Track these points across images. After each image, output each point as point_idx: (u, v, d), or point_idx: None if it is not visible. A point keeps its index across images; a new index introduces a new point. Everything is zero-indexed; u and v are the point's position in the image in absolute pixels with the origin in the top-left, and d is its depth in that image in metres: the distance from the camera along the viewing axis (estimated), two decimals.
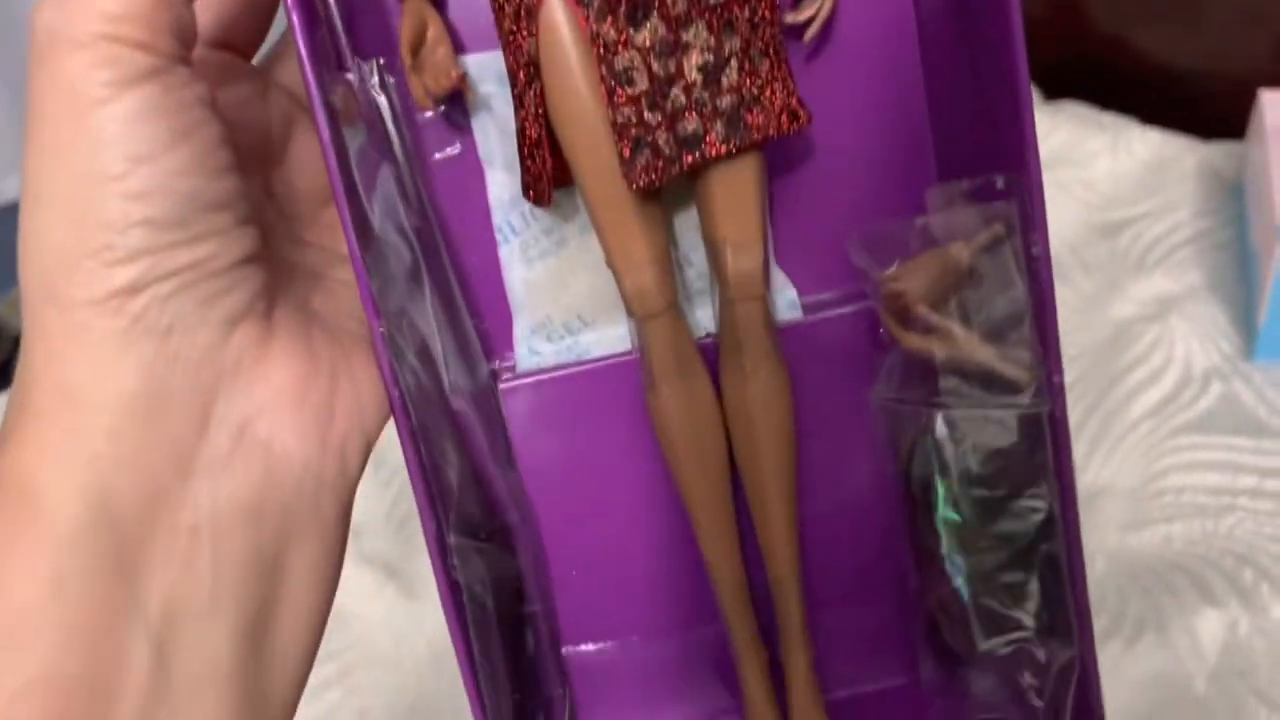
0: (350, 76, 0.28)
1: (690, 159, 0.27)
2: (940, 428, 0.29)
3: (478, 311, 0.32)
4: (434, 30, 0.28)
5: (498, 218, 0.31)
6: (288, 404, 0.27)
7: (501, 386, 0.32)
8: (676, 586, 0.34)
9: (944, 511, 0.30)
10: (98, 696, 0.24)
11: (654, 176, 0.27)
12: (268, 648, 0.27)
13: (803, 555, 0.32)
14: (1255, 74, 0.84)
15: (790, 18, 0.29)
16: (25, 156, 0.24)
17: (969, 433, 0.29)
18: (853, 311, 0.32)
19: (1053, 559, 0.30)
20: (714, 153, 0.27)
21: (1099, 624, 0.61)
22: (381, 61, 0.29)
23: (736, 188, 0.28)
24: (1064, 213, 0.84)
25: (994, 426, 0.29)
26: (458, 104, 0.31)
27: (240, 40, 0.29)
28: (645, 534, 0.33)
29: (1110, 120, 0.88)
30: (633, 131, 0.27)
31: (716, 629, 0.33)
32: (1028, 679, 0.30)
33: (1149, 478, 0.67)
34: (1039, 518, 0.29)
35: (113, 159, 0.23)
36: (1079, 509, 0.30)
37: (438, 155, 0.31)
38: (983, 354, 0.29)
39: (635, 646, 0.34)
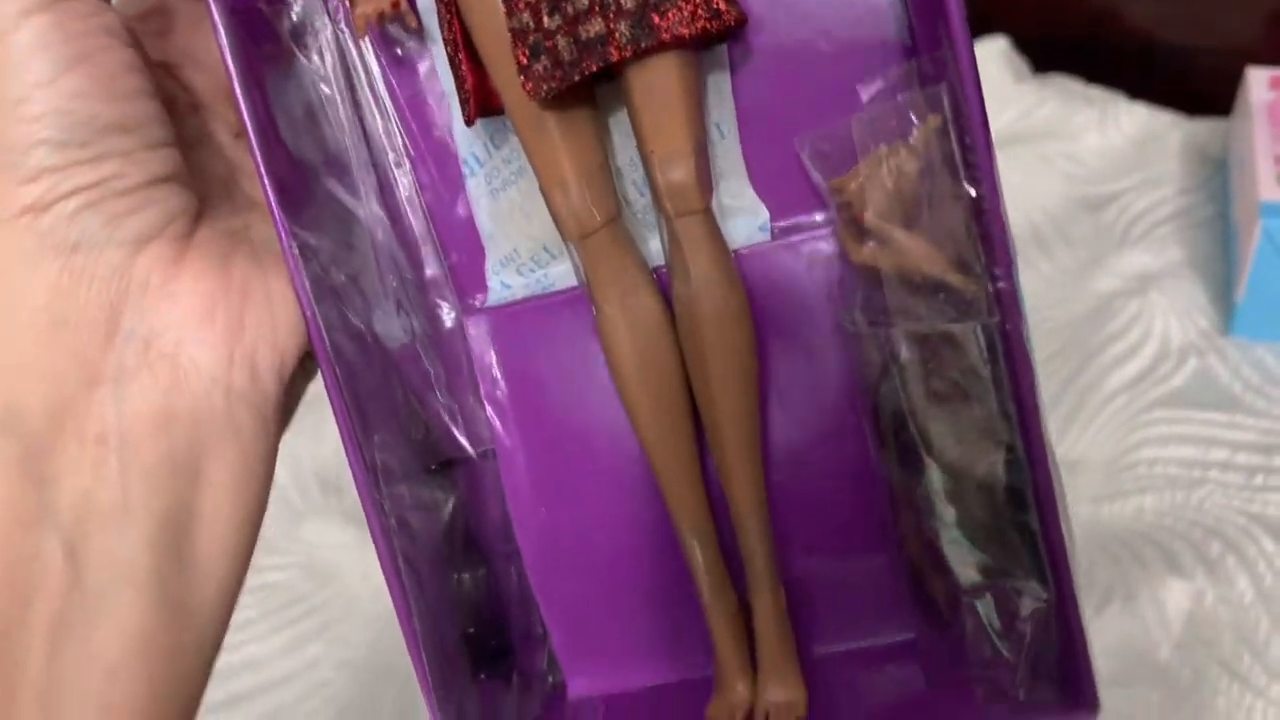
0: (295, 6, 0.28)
1: (591, 64, 0.26)
2: (905, 351, 0.27)
3: (450, 246, 0.32)
4: None
5: (462, 149, 0.31)
6: (195, 320, 0.28)
7: (470, 318, 0.32)
8: (653, 526, 0.32)
9: (919, 447, 0.28)
10: (14, 598, 0.25)
11: (554, 84, 0.26)
12: (189, 557, 0.28)
13: (767, 492, 0.31)
14: (1243, 51, 0.84)
15: None
16: None
17: (926, 352, 0.27)
18: (814, 236, 0.30)
19: (1018, 494, 0.28)
20: (617, 56, 0.25)
21: None
22: None
23: (659, 95, 0.27)
24: (1049, 185, 0.85)
25: (950, 342, 0.27)
26: (422, 36, 0.30)
27: None
28: (615, 473, 0.32)
29: (1098, 94, 0.89)
30: (530, 37, 0.26)
31: (681, 566, 0.32)
32: (1006, 628, 0.28)
33: (1123, 450, 0.68)
34: (1003, 454, 0.27)
35: (14, 85, 0.25)
36: (1048, 436, 0.27)
37: (410, 91, 0.31)
38: (926, 261, 0.27)
39: (601, 586, 0.33)
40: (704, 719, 0.31)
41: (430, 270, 0.32)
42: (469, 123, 0.29)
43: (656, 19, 0.25)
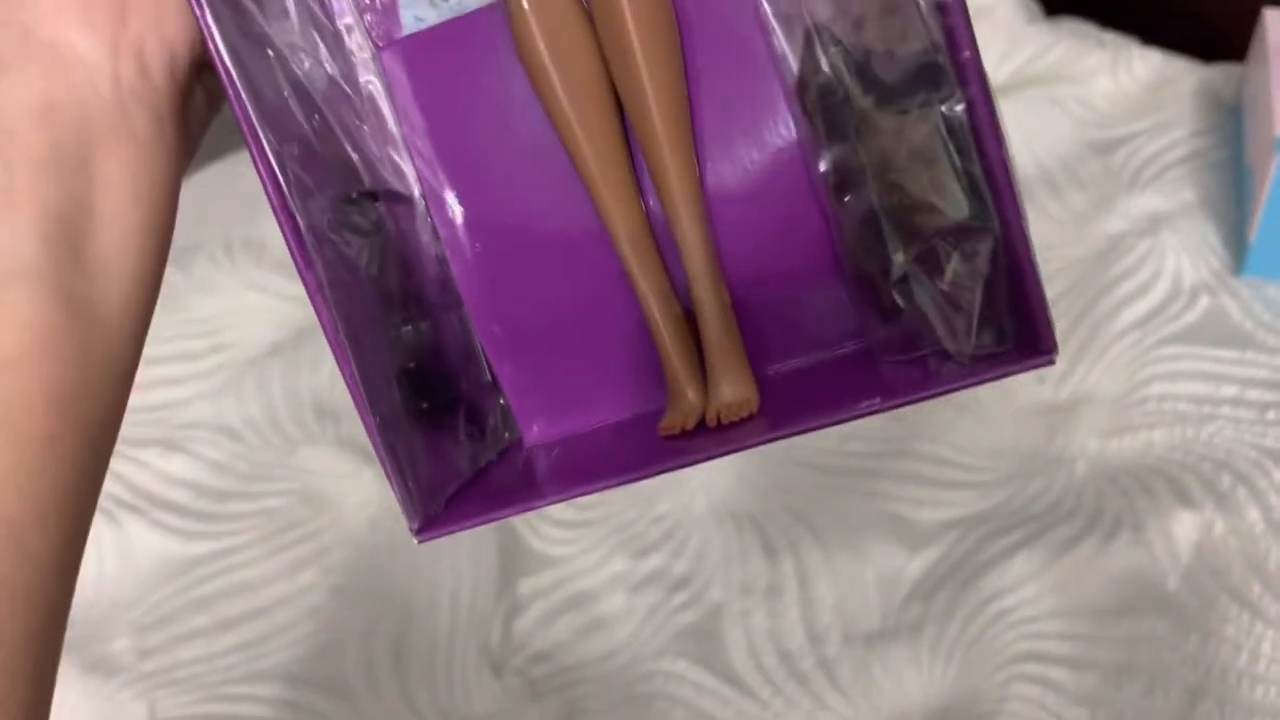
0: None
1: None
2: (838, 20, 0.26)
3: None
4: None
5: None
6: (70, 4, 0.27)
7: (384, 52, 0.31)
8: (594, 257, 0.31)
9: (847, 115, 0.26)
10: None
11: None
12: (87, 254, 0.27)
13: (702, 191, 0.29)
14: None
15: None
16: None
17: (865, 13, 0.26)
18: None
19: (954, 125, 0.26)
20: None
21: (1075, 524, 0.61)
22: None
23: None
24: (1059, 129, 0.83)
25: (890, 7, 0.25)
26: None
27: None
28: (549, 203, 0.31)
29: (1111, 38, 0.87)
30: None
31: (634, 305, 0.30)
32: (952, 284, 0.27)
33: (1133, 386, 0.67)
34: (948, 101, 0.25)
35: None
36: (994, 101, 0.26)
37: None
38: None
39: (560, 329, 0.32)
40: (655, 432, 0.30)
41: (346, 20, 0.31)
42: None
43: None
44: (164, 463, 0.70)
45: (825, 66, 0.27)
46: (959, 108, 0.25)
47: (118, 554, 0.67)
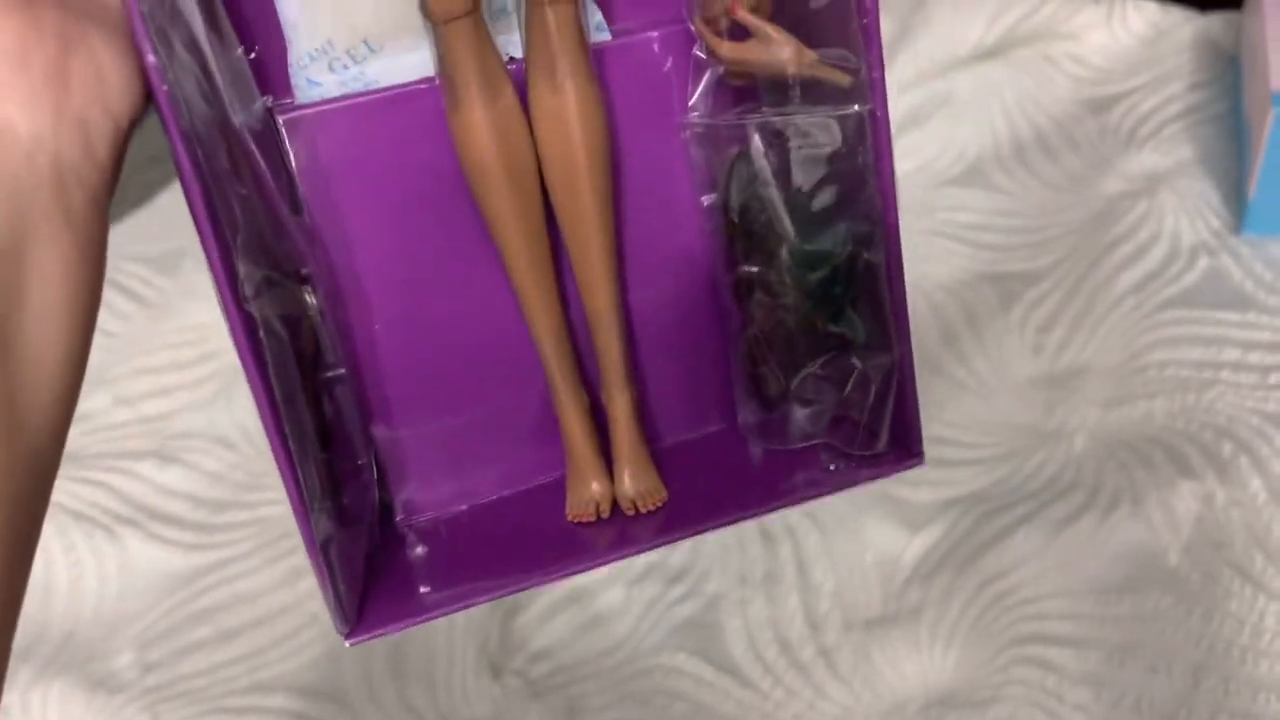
0: None
1: None
2: (757, 143, 0.28)
3: (250, 40, 0.29)
4: None
5: None
6: (6, 68, 0.24)
7: (281, 119, 0.29)
8: (490, 340, 0.32)
9: (761, 233, 0.29)
10: None
11: None
12: (16, 346, 0.25)
13: (621, 292, 0.31)
14: None
15: None
16: None
17: (791, 144, 0.28)
18: (661, 35, 0.30)
19: (873, 267, 0.29)
20: None
21: (1074, 499, 0.60)
22: None
23: None
24: (1054, 89, 0.82)
25: (817, 133, 0.28)
26: None
27: None
28: (453, 283, 0.31)
29: None
30: None
31: (533, 387, 0.32)
32: (848, 394, 0.30)
33: (1132, 354, 0.66)
34: (862, 227, 0.29)
35: None
36: (899, 214, 0.29)
37: None
38: (803, 56, 0.28)
39: (447, 407, 0.32)
40: (555, 519, 0.31)
41: (238, 62, 0.29)
42: None
43: None
44: (159, 475, 0.70)
45: (746, 192, 0.29)
46: (869, 255, 0.29)
47: (118, 569, 0.67)
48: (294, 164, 0.30)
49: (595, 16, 0.30)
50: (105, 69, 0.26)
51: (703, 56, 0.30)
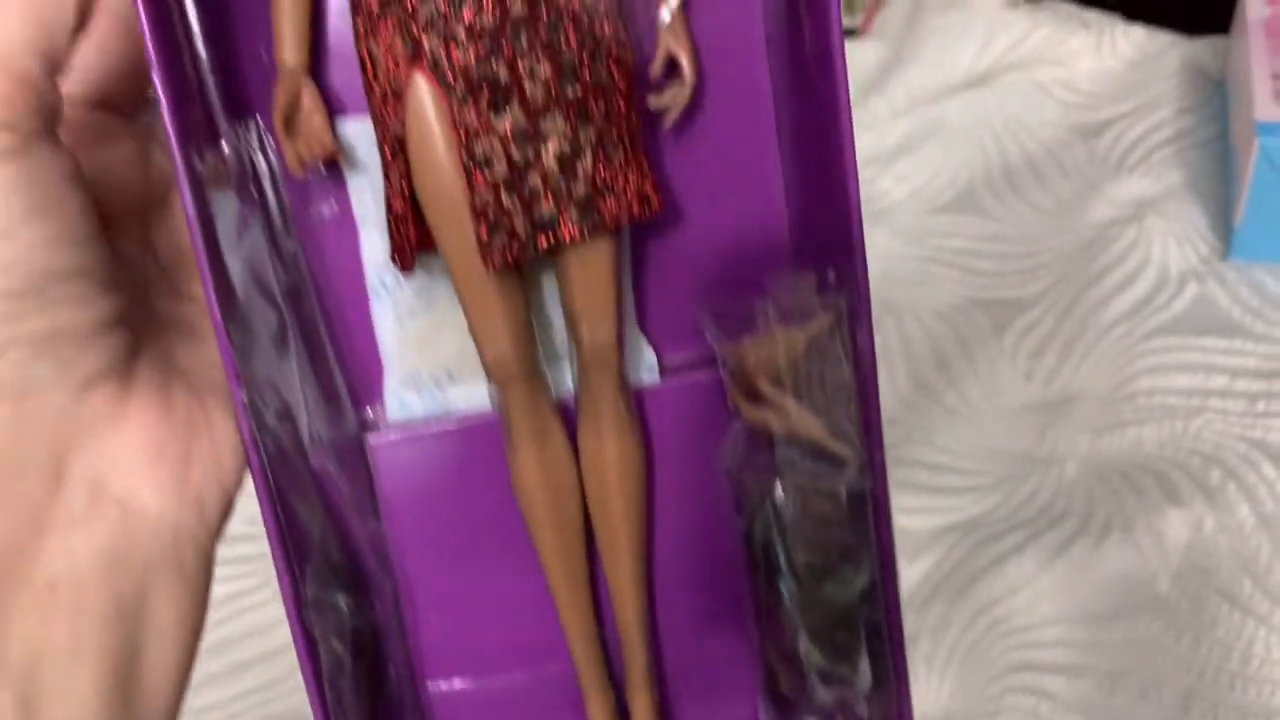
0: (224, 140, 0.29)
1: (545, 243, 0.29)
2: (779, 493, 0.31)
3: (349, 365, 0.33)
4: (309, 98, 0.29)
5: (371, 276, 0.32)
6: (143, 461, 0.27)
7: (371, 439, 0.33)
8: (533, 627, 0.35)
9: (784, 573, 0.33)
10: None
11: (509, 258, 0.29)
12: (135, 695, 0.27)
13: (653, 603, 0.34)
14: None
15: (652, 103, 0.30)
16: None
17: (803, 501, 0.32)
18: (707, 378, 0.33)
19: (875, 624, 0.32)
20: (568, 237, 0.29)
21: (1066, 526, 0.61)
22: (260, 121, 0.30)
23: (592, 266, 0.30)
24: (1043, 114, 0.83)
25: (822, 497, 0.31)
26: (334, 164, 0.31)
27: (120, 101, 0.29)
28: (505, 581, 0.35)
29: (1093, 17, 0.86)
30: (490, 215, 0.28)
31: (568, 669, 0.35)
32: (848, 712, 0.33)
33: (1122, 381, 0.67)
34: (861, 584, 0.32)
35: None
36: (899, 579, 0.32)
37: (314, 214, 0.32)
38: (813, 429, 0.31)
39: (491, 685, 0.35)
40: None
41: (333, 385, 0.33)
42: (406, 271, 0.30)
43: (601, 205, 0.28)
44: None
45: (766, 533, 0.32)
46: (870, 610, 0.32)
47: None
48: (377, 479, 0.33)
49: (648, 357, 0.33)
50: (221, 450, 0.29)
51: (733, 407, 0.33)
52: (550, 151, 0.28)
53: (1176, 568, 0.58)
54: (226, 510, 0.29)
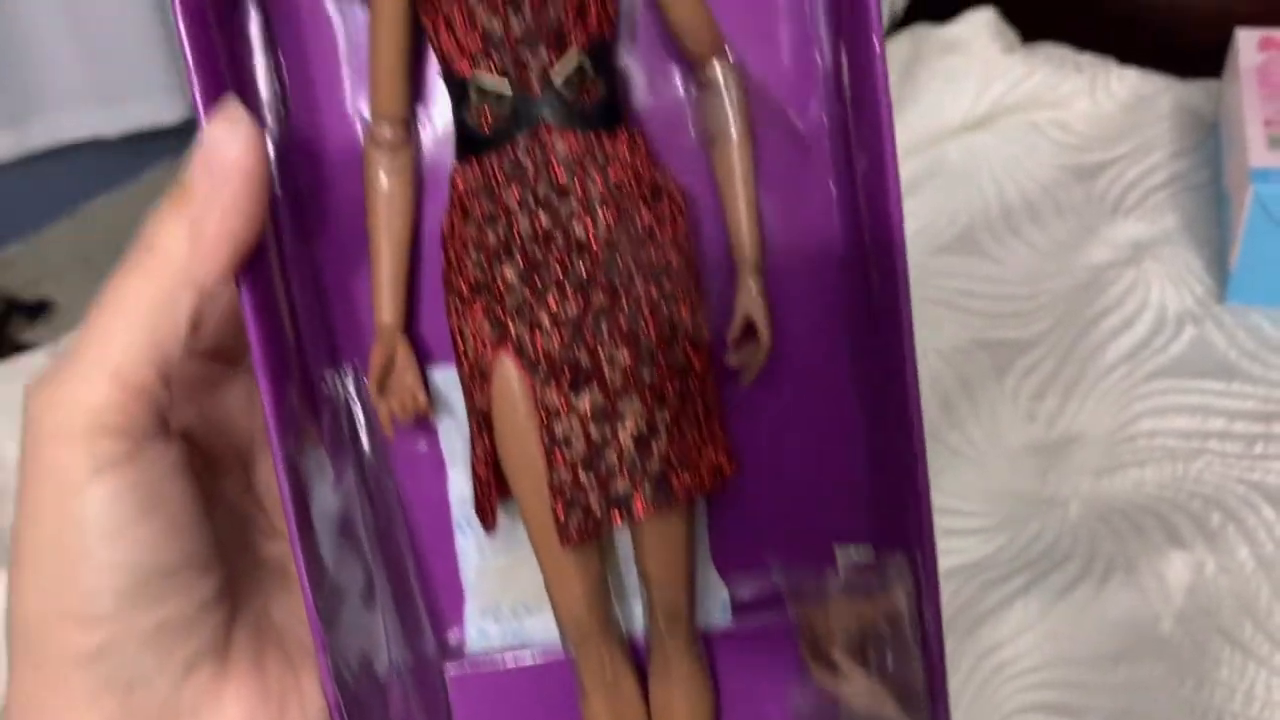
0: (321, 386, 0.30)
1: (619, 519, 0.29)
2: None
3: (433, 593, 0.33)
4: (403, 357, 0.30)
5: (456, 513, 0.33)
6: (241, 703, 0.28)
7: (450, 669, 0.33)
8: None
9: None
10: None
11: (584, 535, 0.29)
12: None
13: None
14: (1233, 12, 0.83)
15: (730, 361, 0.31)
16: (14, 525, 0.26)
17: None
18: (779, 620, 0.33)
19: None
20: (641, 514, 0.29)
21: (1070, 568, 0.62)
22: (356, 368, 0.31)
23: (664, 536, 0.30)
24: (1040, 156, 0.84)
25: None
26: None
27: (230, 353, 0.30)
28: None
29: (1088, 61, 0.88)
30: (567, 493, 0.29)
31: None
32: None
33: (1122, 423, 0.68)
34: None
35: (90, 536, 0.25)
36: None
37: (404, 452, 0.32)
38: (886, 708, 0.31)
39: None
40: None
41: (416, 616, 0.33)
42: (489, 529, 0.31)
43: (675, 482, 0.29)
44: None
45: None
46: None
47: None
48: (454, 710, 0.33)
49: (721, 595, 0.33)
50: (310, 713, 0.29)
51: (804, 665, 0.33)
52: (627, 431, 0.29)
53: (1179, 609, 0.59)
54: None
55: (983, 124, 0.87)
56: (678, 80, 0.30)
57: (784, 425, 0.33)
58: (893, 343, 0.29)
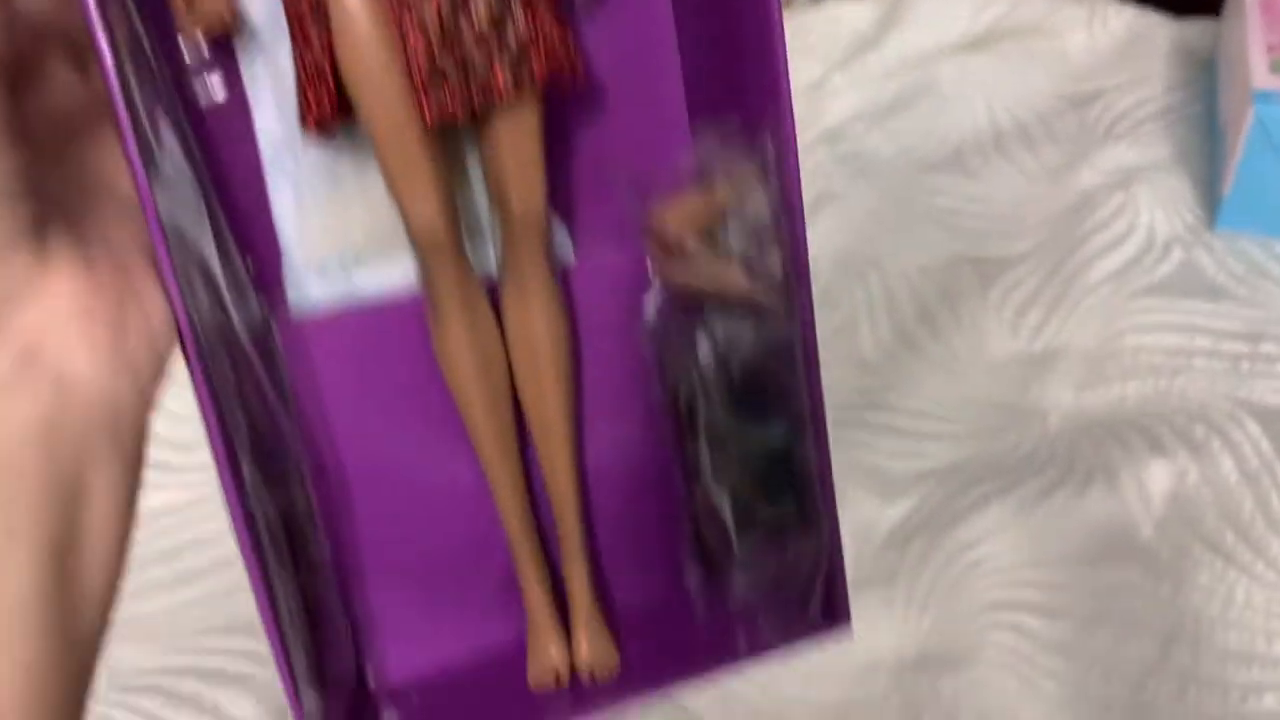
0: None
1: (480, 99, 0.29)
2: (702, 352, 0.33)
3: (251, 251, 0.32)
4: None
5: (267, 157, 0.32)
6: (74, 324, 0.26)
7: (279, 327, 0.32)
8: (464, 514, 0.35)
9: (704, 432, 0.33)
10: None
11: (445, 115, 0.29)
12: (74, 577, 0.26)
13: (583, 475, 0.35)
14: None
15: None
16: None
17: (726, 357, 0.32)
18: (623, 259, 0.34)
19: (805, 460, 0.33)
20: (501, 91, 0.29)
21: (1048, 475, 0.61)
22: None
23: (521, 127, 0.31)
24: (1035, 81, 0.83)
25: (746, 349, 0.32)
26: (224, 44, 0.31)
27: None
28: (432, 467, 0.35)
29: None
30: (425, 74, 0.29)
31: (498, 559, 0.35)
32: (781, 570, 0.34)
33: (1107, 338, 0.67)
34: (787, 429, 0.33)
35: None
36: (827, 415, 0.33)
37: (205, 96, 0.31)
38: (734, 279, 0.31)
39: (420, 579, 0.35)
40: (517, 684, 0.35)
41: (236, 270, 0.32)
42: (326, 133, 0.30)
43: (533, 62, 0.29)
44: None
45: (698, 390, 0.33)
46: (800, 449, 0.33)
47: None
48: (287, 367, 0.32)
49: (561, 236, 0.34)
50: (152, 313, 0.27)
51: (654, 271, 0.34)
52: (481, 14, 0.29)
53: (1159, 516, 0.58)
54: (160, 379, 0.28)
55: (977, 46, 0.85)
56: None
57: (602, 36, 0.33)
58: None
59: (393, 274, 0.33)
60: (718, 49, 0.32)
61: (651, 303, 0.34)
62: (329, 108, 0.29)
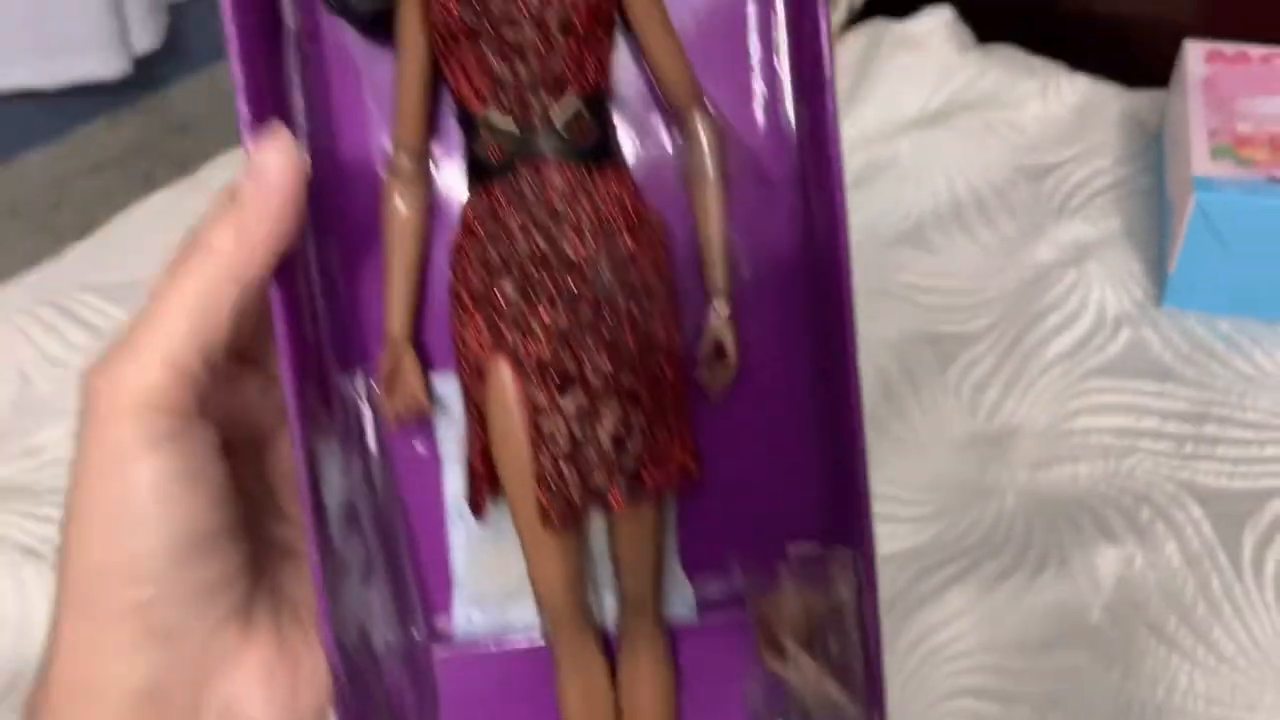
0: (335, 386, 0.34)
1: (596, 508, 0.32)
2: None
3: (425, 581, 0.36)
4: (409, 365, 0.34)
5: (450, 507, 0.36)
6: (261, 688, 0.31)
7: (438, 651, 0.36)
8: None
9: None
10: None
11: (565, 522, 0.32)
12: None
13: None
14: (1182, 24, 0.86)
15: (700, 377, 0.34)
16: (70, 491, 0.29)
17: None
18: (739, 618, 0.36)
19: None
20: (616, 505, 0.32)
21: (1004, 559, 0.64)
22: (366, 371, 0.35)
23: (636, 528, 0.33)
24: (991, 154, 0.86)
25: None
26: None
27: (250, 353, 0.33)
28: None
29: (1040, 65, 0.90)
30: (551, 484, 0.32)
31: None
32: None
33: (1060, 418, 0.70)
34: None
35: (144, 501, 0.28)
36: None
37: (405, 452, 0.36)
38: (827, 688, 0.34)
39: None
40: None
41: (409, 600, 0.36)
42: (479, 516, 0.34)
43: (646, 479, 0.32)
44: None
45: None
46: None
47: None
48: (440, 690, 0.36)
49: (685, 592, 0.36)
50: (319, 669, 0.32)
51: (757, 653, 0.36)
52: (606, 431, 0.32)
53: (1108, 600, 0.61)
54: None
55: (936, 120, 0.88)
56: (664, 129, 0.35)
57: (745, 434, 0.36)
58: (840, 365, 0.32)
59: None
60: (837, 488, 0.35)
61: (754, 677, 0.36)
62: (481, 501, 0.34)
